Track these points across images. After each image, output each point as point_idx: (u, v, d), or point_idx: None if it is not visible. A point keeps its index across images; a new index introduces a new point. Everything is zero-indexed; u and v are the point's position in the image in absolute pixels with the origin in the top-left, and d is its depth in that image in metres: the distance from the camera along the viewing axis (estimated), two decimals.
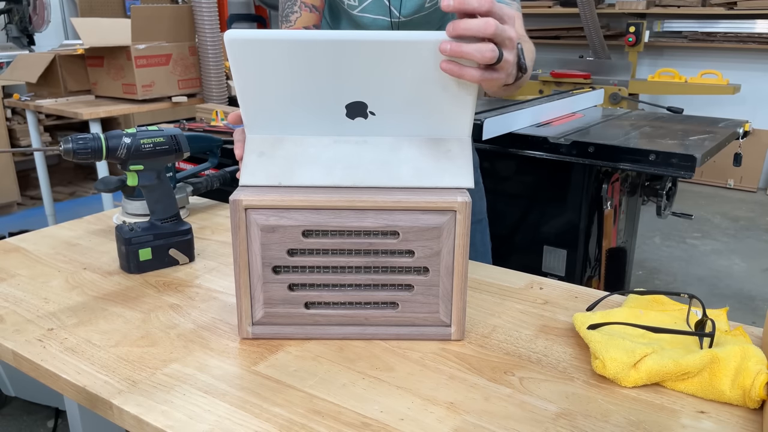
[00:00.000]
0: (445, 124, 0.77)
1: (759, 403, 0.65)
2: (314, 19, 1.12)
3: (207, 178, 1.30)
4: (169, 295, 0.92)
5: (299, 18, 1.11)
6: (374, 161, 0.78)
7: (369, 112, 0.76)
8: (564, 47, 5.29)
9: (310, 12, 1.11)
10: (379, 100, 0.75)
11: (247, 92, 0.75)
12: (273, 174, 0.77)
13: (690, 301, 0.82)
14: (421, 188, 0.77)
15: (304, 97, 0.75)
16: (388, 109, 0.76)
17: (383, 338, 0.79)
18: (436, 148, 0.78)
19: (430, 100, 0.75)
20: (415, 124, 0.78)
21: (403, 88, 0.73)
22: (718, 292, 2.92)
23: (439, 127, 0.78)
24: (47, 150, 0.94)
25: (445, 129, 0.78)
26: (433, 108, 0.76)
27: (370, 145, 0.78)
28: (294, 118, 0.77)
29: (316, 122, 0.77)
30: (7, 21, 3.89)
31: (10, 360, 0.79)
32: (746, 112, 4.70)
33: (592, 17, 4.19)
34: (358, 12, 1.14)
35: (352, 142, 0.79)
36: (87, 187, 4.36)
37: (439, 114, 0.76)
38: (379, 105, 0.75)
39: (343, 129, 0.78)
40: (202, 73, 2.95)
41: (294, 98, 0.75)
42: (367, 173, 0.77)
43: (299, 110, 0.77)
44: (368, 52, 0.70)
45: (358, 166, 0.77)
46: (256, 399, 0.67)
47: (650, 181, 2.18)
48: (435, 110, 0.76)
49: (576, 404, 0.67)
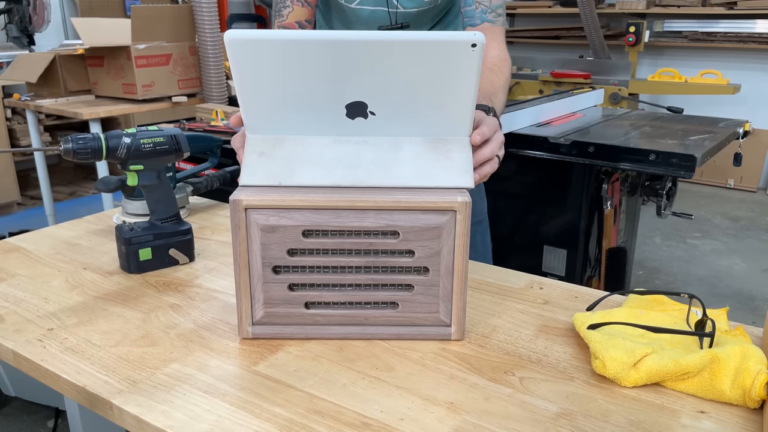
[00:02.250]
0: (446, 123, 0.78)
1: (759, 403, 0.65)
2: (306, 13, 1.13)
3: (207, 178, 1.30)
4: (169, 295, 0.92)
5: (291, 12, 1.12)
6: (374, 161, 0.78)
7: (369, 112, 0.76)
8: (564, 47, 5.29)
9: (302, 6, 1.12)
10: (379, 100, 0.75)
11: (247, 92, 0.75)
12: (273, 174, 0.77)
13: (690, 301, 0.82)
14: (422, 188, 0.77)
15: (303, 97, 0.75)
16: (389, 108, 0.76)
17: (383, 338, 0.79)
18: (436, 148, 0.79)
19: (430, 100, 0.75)
20: (415, 124, 0.78)
21: (402, 88, 0.74)
22: (718, 292, 2.92)
23: (439, 127, 0.78)
24: (47, 150, 0.94)
25: (445, 129, 0.78)
26: (433, 107, 0.76)
27: (370, 145, 0.79)
28: (294, 118, 0.77)
29: (316, 122, 0.78)
30: (7, 21, 3.89)
31: (10, 360, 0.79)
32: (746, 112, 4.70)
33: (592, 17, 4.19)
34: (356, 5, 1.14)
35: (352, 142, 0.79)
36: (87, 187, 4.36)
37: (439, 114, 0.76)
38: (379, 105, 0.76)
39: (344, 129, 0.78)
40: (202, 73, 2.95)
41: (294, 98, 0.75)
42: (367, 173, 0.77)
43: (299, 110, 0.76)
44: (368, 52, 0.70)
45: (358, 165, 0.78)
46: (256, 399, 0.67)
47: (650, 180, 2.18)
48: (435, 110, 0.76)
49: (576, 404, 0.67)
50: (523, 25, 5.46)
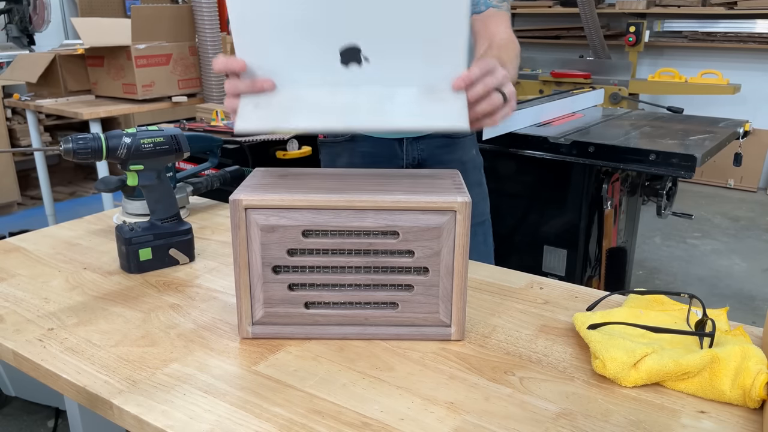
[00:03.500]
0: (439, 68, 0.76)
1: (759, 402, 0.65)
2: None
3: (207, 178, 1.30)
4: (169, 295, 0.92)
5: None
6: (368, 106, 0.77)
7: (363, 57, 0.76)
8: (564, 47, 5.29)
9: None
10: (373, 43, 0.75)
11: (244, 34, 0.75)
12: (268, 118, 0.77)
13: (690, 301, 0.82)
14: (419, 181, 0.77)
15: (299, 38, 0.75)
16: (382, 53, 0.75)
17: (383, 338, 0.79)
18: (430, 93, 0.77)
19: (422, 43, 0.75)
20: (409, 70, 0.77)
21: (394, 30, 0.74)
22: (718, 292, 2.92)
23: (433, 74, 0.77)
24: (47, 150, 0.94)
25: (439, 75, 0.77)
26: (425, 51, 0.75)
27: (365, 93, 0.78)
28: (289, 64, 0.77)
29: (310, 70, 0.77)
30: (7, 21, 3.89)
31: (10, 360, 0.79)
32: (746, 112, 4.70)
33: (592, 17, 4.19)
34: None
35: (347, 91, 0.78)
36: (87, 187, 4.36)
37: (432, 58, 0.76)
38: (372, 49, 0.75)
39: (338, 77, 0.77)
40: (202, 73, 2.95)
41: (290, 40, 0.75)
42: (361, 116, 0.77)
43: (295, 54, 0.76)
44: None
45: (352, 111, 0.77)
46: (256, 399, 0.67)
47: (650, 180, 2.18)
48: (427, 54, 0.76)
49: (576, 404, 0.67)
50: (523, 25, 5.46)
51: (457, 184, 0.80)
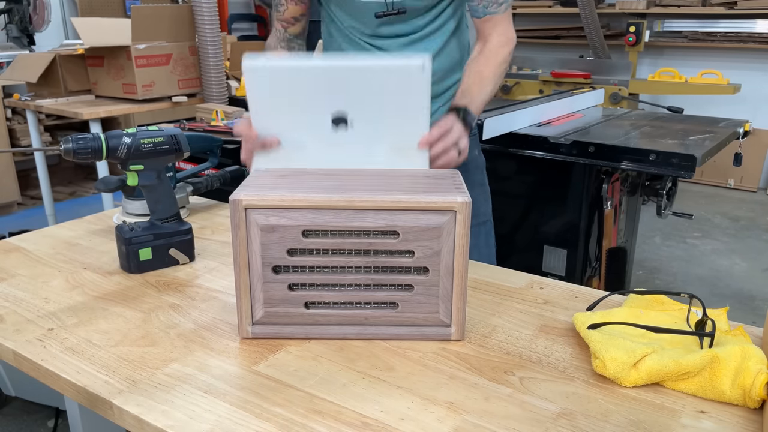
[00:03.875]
0: (406, 133, 0.96)
1: (759, 402, 0.65)
2: (301, 9, 1.23)
3: (207, 178, 1.30)
4: (170, 295, 0.92)
5: (287, 10, 1.23)
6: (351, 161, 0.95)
7: (349, 122, 0.96)
8: (564, 47, 5.29)
9: (296, 5, 1.22)
10: (357, 111, 0.95)
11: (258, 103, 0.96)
12: (276, 161, 0.98)
13: (690, 300, 0.82)
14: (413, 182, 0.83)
15: (302, 108, 0.95)
16: (364, 119, 0.96)
17: (383, 338, 0.79)
18: (400, 151, 0.97)
19: (395, 109, 0.94)
20: (384, 132, 0.96)
21: (374, 100, 0.93)
22: (718, 292, 2.92)
23: (401, 137, 0.96)
24: (47, 150, 0.94)
25: (407, 135, 0.96)
26: (394, 120, 0.95)
27: (349, 150, 0.97)
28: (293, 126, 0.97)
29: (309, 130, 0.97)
30: (7, 21, 3.89)
31: (10, 360, 0.79)
32: (746, 112, 4.70)
33: (592, 17, 4.19)
34: None
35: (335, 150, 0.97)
36: (87, 187, 4.36)
37: (400, 124, 0.95)
38: (356, 115, 0.96)
39: (329, 137, 0.97)
40: (202, 73, 2.95)
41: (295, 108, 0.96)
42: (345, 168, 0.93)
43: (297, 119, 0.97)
44: (345, 74, 0.93)
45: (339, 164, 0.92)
46: (256, 399, 0.67)
47: (650, 180, 2.18)
48: (396, 121, 0.95)
49: (576, 404, 0.67)
50: (523, 25, 5.46)
51: (457, 184, 0.81)
